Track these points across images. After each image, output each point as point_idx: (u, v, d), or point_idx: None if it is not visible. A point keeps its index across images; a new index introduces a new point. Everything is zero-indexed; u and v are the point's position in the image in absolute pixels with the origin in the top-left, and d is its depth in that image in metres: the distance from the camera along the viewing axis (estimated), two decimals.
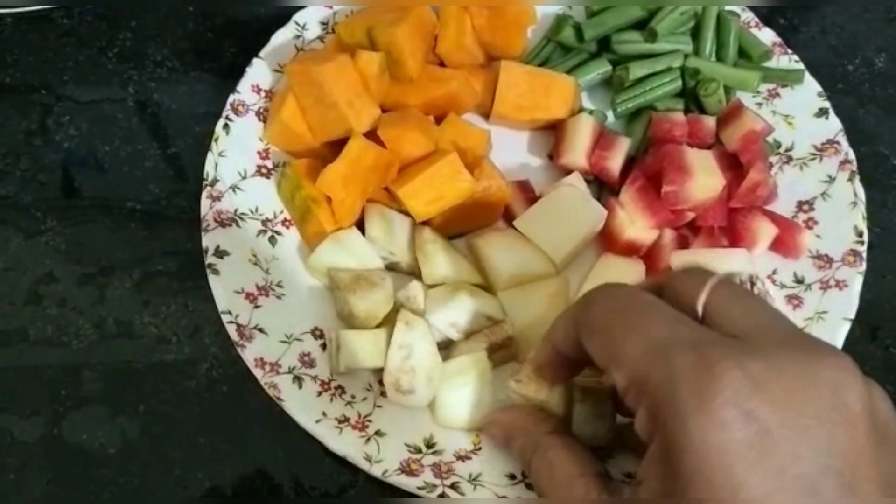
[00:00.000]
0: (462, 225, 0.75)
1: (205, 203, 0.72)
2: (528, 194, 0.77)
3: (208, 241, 0.70)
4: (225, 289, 0.68)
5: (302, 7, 0.81)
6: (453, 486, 0.63)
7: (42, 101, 0.81)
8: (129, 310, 0.73)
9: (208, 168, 0.73)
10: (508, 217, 0.75)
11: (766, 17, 0.89)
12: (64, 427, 0.68)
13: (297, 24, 0.80)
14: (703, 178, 0.71)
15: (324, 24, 0.81)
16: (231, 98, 0.76)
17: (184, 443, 0.68)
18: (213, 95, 0.81)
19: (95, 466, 0.67)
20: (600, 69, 0.80)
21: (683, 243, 0.74)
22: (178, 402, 0.69)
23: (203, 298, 0.71)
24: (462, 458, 0.65)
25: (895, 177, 0.84)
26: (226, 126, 0.75)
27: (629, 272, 0.72)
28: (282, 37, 0.80)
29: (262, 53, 0.78)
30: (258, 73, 0.78)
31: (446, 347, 0.69)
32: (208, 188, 0.72)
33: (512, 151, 0.80)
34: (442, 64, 0.80)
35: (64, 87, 0.82)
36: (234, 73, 0.78)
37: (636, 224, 0.72)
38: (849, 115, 0.85)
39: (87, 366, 0.70)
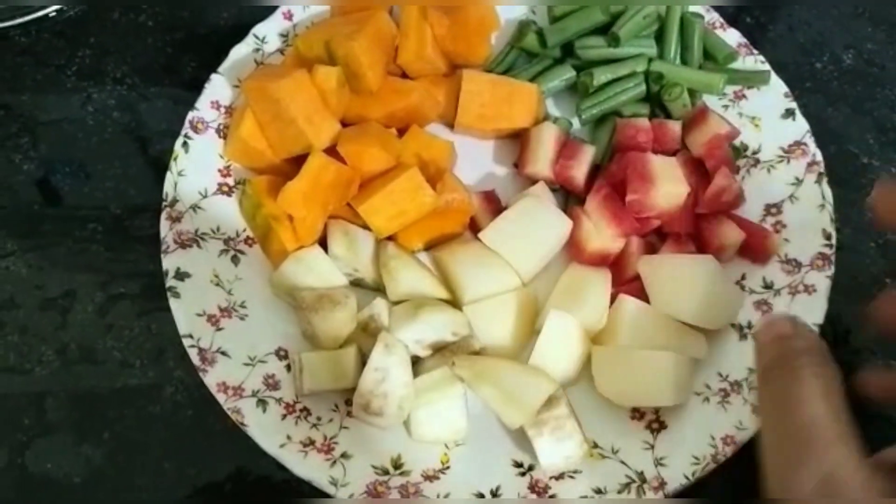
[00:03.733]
0: (427, 238, 0.74)
1: (164, 224, 0.71)
2: (494, 205, 0.76)
3: (168, 263, 0.69)
4: (186, 312, 0.68)
5: (273, 7, 0.80)
6: None
7: (0, 122, 0.81)
8: (92, 335, 0.72)
9: (167, 188, 0.72)
10: (475, 228, 0.75)
11: (733, 16, 0.88)
12: (28, 457, 0.67)
13: (256, 37, 0.79)
14: (667, 186, 0.70)
15: (283, 36, 0.80)
16: (190, 115, 0.75)
17: (149, 469, 0.68)
18: (174, 112, 0.80)
19: (61, 496, 0.66)
20: (564, 75, 0.79)
21: (651, 250, 0.74)
22: (143, 427, 0.69)
23: (167, 321, 0.70)
24: (430, 477, 0.65)
25: (865, 175, 0.83)
26: (185, 144, 0.74)
27: (596, 282, 0.71)
28: (241, 51, 0.78)
29: (220, 68, 0.77)
30: (217, 88, 0.76)
31: (414, 364, 0.69)
32: (168, 209, 0.71)
33: (478, 161, 0.79)
34: (404, 74, 0.79)
35: (22, 107, 0.82)
36: (195, 89, 0.77)
37: (602, 233, 0.72)
38: (817, 113, 0.85)
39: (51, 393, 0.70)
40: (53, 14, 0.85)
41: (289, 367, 0.69)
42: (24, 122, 0.81)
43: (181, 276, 0.69)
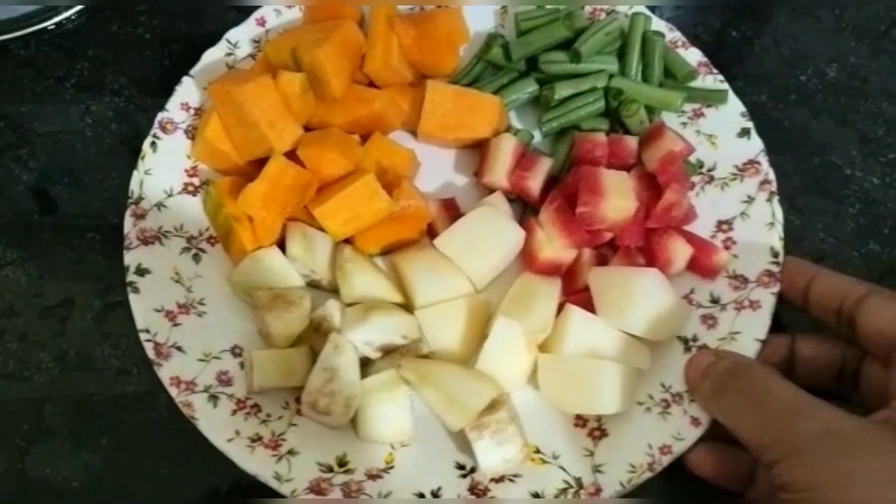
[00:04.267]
0: (383, 243, 0.77)
1: (128, 221, 0.74)
2: (453, 212, 0.79)
3: (130, 258, 0.72)
4: (145, 307, 0.71)
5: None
6: None
7: None
8: (90, 342, 0.76)
9: (133, 186, 0.75)
10: (434, 235, 0.77)
11: (719, 30, 0.90)
12: (27, 462, 0.71)
13: (228, 41, 0.82)
14: (617, 200, 0.72)
15: (256, 42, 0.83)
16: (159, 116, 0.78)
17: (147, 474, 0.71)
18: None
19: (60, 501, 0.70)
20: (528, 88, 0.81)
21: (603, 262, 0.76)
22: (140, 433, 0.73)
23: None
24: (373, 476, 0.68)
25: (848, 186, 0.84)
26: (153, 144, 0.77)
27: (545, 291, 0.74)
28: (213, 55, 0.81)
29: (192, 71, 0.80)
30: (187, 91, 0.80)
31: (364, 365, 0.72)
32: (133, 206, 0.74)
33: (440, 169, 0.82)
34: (372, 83, 0.81)
35: (22, 118, 0.86)
36: None
37: (554, 244, 0.74)
38: (802, 125, 0.86)
39: (50, 399, 0.73)
40: (52, 27, 0.90)
41: (243, 365, 0.72)
42: (23, 133, 0.85)
43: (141, 271, 0.72)
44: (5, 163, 0.84)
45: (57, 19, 0.90)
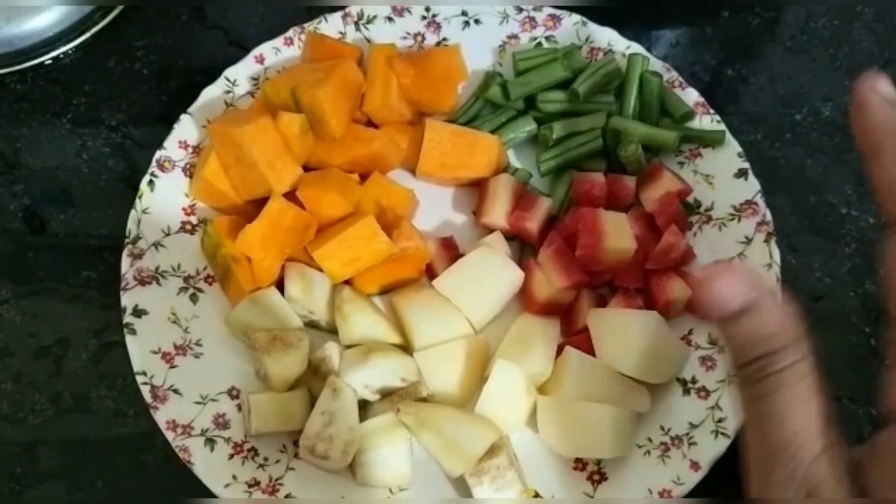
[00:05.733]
0: (382, 283, 0.77)
1: (125, 261, 0.74)
2: (452, 251, 0.79)
3: (127, 300, 0.72)
4: (141, 349, 0.71)
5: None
6: None
7: None
8: (86, 383, 0.75)
9: (130, 225, 0.75)
10: (432, 274, 0.77)
11: (716, 68, 0.90)
12: None
13: (227, 79, 0.82)
14: (615, 242, 0.73)
15: (254, 79, 0.83)
16: (157, 154, 0.78)
17: None
18: None
19: None
20: (526, 127, 0.82)
21: (602, 303, 0.76)
22: (136, 476, 0.72)
23: None
24: None
25: (844, 226, 0.84)
26: (150, 182, 0.77)
27: (544, 333, 0.74)
28: (212, 92, 0.81)
29: (191, 109, 0.80)
30: (185, 129, 0.80)
31: (362, 407, 0.72)
32: (130, 246, 0.74)
33: (438, 207, 0.82)
34: (370, 121, 0.82)
35: (18, 153, 0.86)
36: None
37: (553, 284, 0.74)
38: (797, 164, 0.86)
39: (44, 442, 0.73)
40: (49, 61, 0.90)
41: (240, 407, 0.71)
42: (18, 169, 0.85)
43: (138, 312, 0.72)
44: (1, 199, 0.84)
45: (53, 54, 0.90)
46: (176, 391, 0.70)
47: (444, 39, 0.86)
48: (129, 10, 0.92)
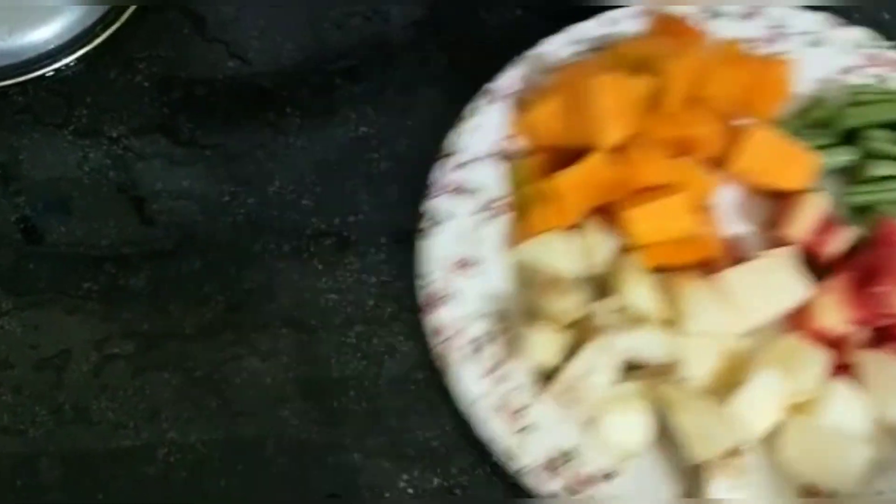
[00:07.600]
0: (667, 261, 0.77)
1: (440, 171, 0.78)
2: (736, 252, 0.78)
3: (429, 206, 0.77)
4: (429, 254, 0.75)
5: None
6: None
7: None
8: (87, 395, 0.73)
9: (452, 139, 0.79)
10: (708, 269, 0.76)
11: None
12: None
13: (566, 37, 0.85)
14: None
15: (599, 40, 0.85)
16: (491, 85, 0.81)
17: None
18: (169, 171, 0.82)
19: None
20: (845, 156, 0.82)
21: (873, 345, 0.75)
22: (136, 489, 0.70)
23: (160, 382, 0.72)
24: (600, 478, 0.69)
25: None
26: (478, 108, 0.80)
27: (814, 357, 0.73)
28: (551, 43, 0.85)
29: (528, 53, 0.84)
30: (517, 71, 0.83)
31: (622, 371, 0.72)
32: (446, 157, 0.78)
33: (729, 208, 0.82)
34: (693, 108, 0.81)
35: (19, 165, 0.83)
36: (191, 149, 0.80)
37: (838, 313, 0.74)
38: None
39: (45, 454, 0.71)
40: (51, 73, 0.88)
41: (504, 331, 0.73)
42: (19, 180, 0.83)
43: (435, 220, 0.76)
44: (1, 210, 0.81)
45: (55, 66, 0.87)
46: (454, 298, 0.74)
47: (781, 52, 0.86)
48: (130, 23, 0.90)
